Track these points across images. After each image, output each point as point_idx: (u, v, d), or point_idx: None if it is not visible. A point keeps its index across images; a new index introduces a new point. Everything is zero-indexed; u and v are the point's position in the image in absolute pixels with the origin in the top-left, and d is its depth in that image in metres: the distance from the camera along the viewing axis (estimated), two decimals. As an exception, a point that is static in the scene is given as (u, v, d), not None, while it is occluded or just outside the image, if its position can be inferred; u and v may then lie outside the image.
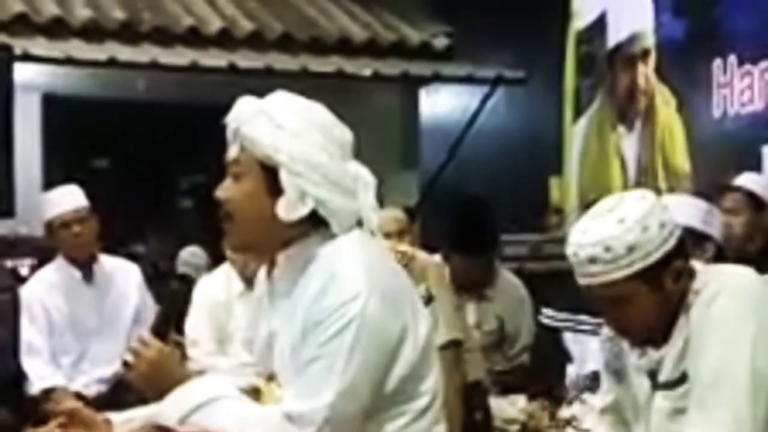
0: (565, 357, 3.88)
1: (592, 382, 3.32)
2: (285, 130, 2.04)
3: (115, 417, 2.24)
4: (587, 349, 3.70)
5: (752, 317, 2.19)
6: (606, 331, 2.48)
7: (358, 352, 1.95)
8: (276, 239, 2.08)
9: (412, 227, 4.71)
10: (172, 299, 2.20)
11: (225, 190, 2.10)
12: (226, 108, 2.14)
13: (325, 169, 2.03)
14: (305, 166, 2.01)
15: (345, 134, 2.11)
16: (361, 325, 1.96)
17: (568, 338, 3.85)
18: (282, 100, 2.11)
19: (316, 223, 2.06)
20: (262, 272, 2.23)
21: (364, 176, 2.11)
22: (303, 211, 2.02)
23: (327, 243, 2.06)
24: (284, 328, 2.08)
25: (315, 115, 2.09)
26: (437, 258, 4.28)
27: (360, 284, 1.98)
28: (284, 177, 2.02)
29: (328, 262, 2.03)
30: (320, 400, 1.95)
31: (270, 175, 2.04)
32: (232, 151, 2.09)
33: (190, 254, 2.08)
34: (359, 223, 2.09)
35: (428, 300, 3.54)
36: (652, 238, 2.21)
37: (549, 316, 3.96)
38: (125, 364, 2.15)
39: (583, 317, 3.75)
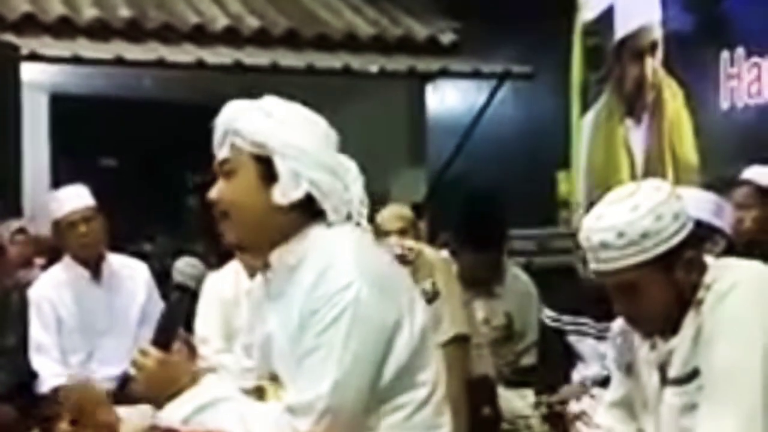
0: (570, 356, 3.85)
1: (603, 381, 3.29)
2: (274, 118, 2.08)
3: (123, 411, 2.25)
4: (593, 350, 3.70)
5: (765, 313, 2.18)
6: (617, 325, 2.47)
7: (354, 339, 1.97)
8: (273, 232, 2.09)
9: (416, 224, 4.68)
10: (171, 310, 2.18)
11: (217, 191, 2.12)
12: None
13: (315, 152, 2.06)
14: (297, 150, 2.05)
15: (329, 130, 2.14)
16: (356, 312, 1.97)
17: (573, 339, 3.83)
18: (267, 99, 2.16)
19: (311, 213, 2.07)
20: (259, 275, 2.23)
21: (352, 170, 2.14)
22: (298, 193, 2.04)
23: (319, 238, 2.07)
24: (281, 326, 2.09)
25: (299, 110, 2.14)
26: (445, 253, 4.27)
27: (352, 273, 2.00)
28: (278, 161, 2.05)
29: (320, 256, 2.04)
30: (319, 389, 1.97)
31: (263, 165, 2.06)
32: (222, 152, 2.12)
33: (186, 264, 2.04)
34: (349, 217, 2.10)
35: (435, 295, 3.53)
36: (666, 227, 2.21)
37: (550, 317, 3.93)
38: (127, 377, 2.16)
39: (586, 320, 3.74)
